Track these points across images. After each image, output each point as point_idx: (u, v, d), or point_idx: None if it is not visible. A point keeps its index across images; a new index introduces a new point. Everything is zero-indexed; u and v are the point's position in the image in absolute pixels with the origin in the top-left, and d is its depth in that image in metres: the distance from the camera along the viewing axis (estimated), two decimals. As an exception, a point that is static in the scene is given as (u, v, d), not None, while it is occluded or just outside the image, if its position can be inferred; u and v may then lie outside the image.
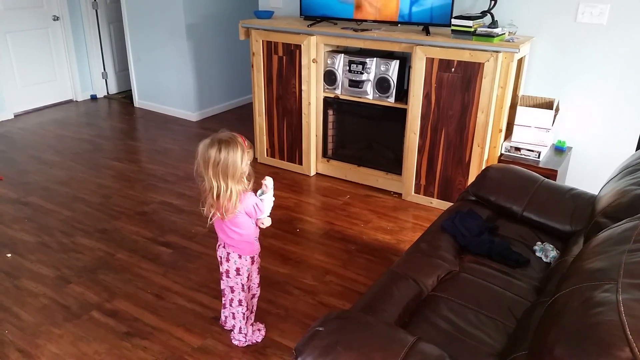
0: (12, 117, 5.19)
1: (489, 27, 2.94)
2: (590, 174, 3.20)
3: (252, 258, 2.07)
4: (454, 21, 3.00)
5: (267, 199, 2.01)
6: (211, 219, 1.94)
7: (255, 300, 2.22)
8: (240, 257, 2.01)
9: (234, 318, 2.14)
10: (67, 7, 5.46)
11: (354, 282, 2.63)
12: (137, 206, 3.40)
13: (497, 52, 2.87)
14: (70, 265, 2.74)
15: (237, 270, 2.02)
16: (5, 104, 5.12)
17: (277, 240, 2.99)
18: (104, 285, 2.58)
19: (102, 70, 5.96)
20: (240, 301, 2.08)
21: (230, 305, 2.11)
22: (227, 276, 2.05)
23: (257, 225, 2.05)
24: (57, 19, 5.42)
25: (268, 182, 2.01)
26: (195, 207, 3.34)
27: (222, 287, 2.11)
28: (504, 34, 3.00)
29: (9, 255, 2.83)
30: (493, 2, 3.07)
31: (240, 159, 1.82)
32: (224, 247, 2.03)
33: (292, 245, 2.96)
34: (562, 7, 3.06)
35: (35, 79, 5.39)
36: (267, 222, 2.05)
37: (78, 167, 4.01)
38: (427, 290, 1.86)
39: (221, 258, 2.05)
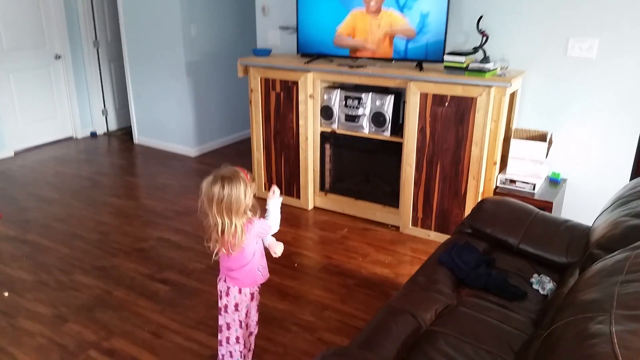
0: (13, 154, 5.24)
1: (480, 63, 3.02)
2: (585, 205, 3.22)
3: (252, 294, 2.07)
4: (446, 57, 3.08)
5: (272, 209, 2.02)
6: (216, 255, 1.95)
7: (252, 338, 2.21)
8: (240, 291, 2.01)
9: (231, 357, 2.11)
10: (69, 46, 5.58)
11: (353, 318, 2.61)
12: (135, 243, 3.40)
13: (489, 86, 2.94)
14: (67, 304, 2.73)
15: (236, 305, 2.02)
16: (6, 141, 5.18)
17: (275, 275, 2.98)
18: (102, 323, 2.56)
19: (102, 107, 6.05)
20: (237, 338, 2.07)
21: (227, 342, 2.09)
22: (226, 311, 2.05)
23: (269, 251, 2.06)
24: (59, 58, 5.54)
25: (275, 189, 2.05)
26: (193, 243, 3.36)
27: (220, 322, 2.09)
28: (496, 69, 3.07)
29: (6, 293, 2.82)
30: (484, 38, 3.16)
31: (243, 193, 1.84)
32: (224, 281, 2.03)
33: (290, 280, 2.96)
34: (552, 42, 3.14)
35: (36, 117, 5.47)
36: (279, 250, 2.06)
37: (77, 204, 4.03)
38: (425, 325, 1.86)
39: (221, 292, 2.04)
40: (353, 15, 3.41)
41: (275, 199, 2.04)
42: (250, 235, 1.93)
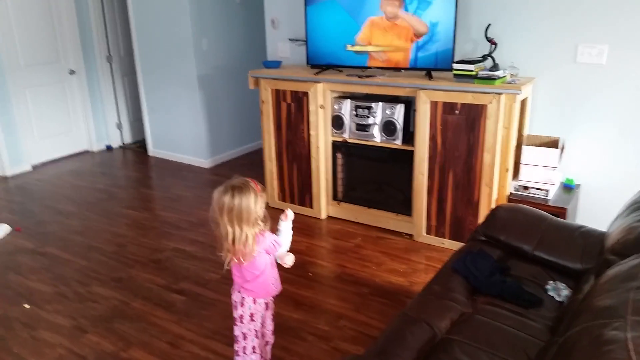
0: (30, 168, 5.34)
1: (490, 71, 3.03)
2: (601, 211, 3.19)
3: (267, 304, 2.09)
4: (455, 65, 3.10)
5: (284, 229, 2.06)
6: (228, 264, 1.98)
7: (269, 347, 2.23)
8: (254, 302, 2.04)
9: (248, 366, 2.14)
10: (83, 62, 5.70)
11: (368, 327, 2.62)
12: (151, 254, 3.45)
13: (499, 94, 2.95)
14: (86, 315, 2.77)
15: (251, 315, 2.04)
16: (24, 156, 5.28)
17: (290, 284, 3.00)
18: (120, 334, 2.60)
19: (117, 121, 6.15)
20: (254, 348, 2.09)
21: (244, 353, 2.11)
22: (241, 322, 2.07)
23: (280, 263, 2.08)
24: (74, 73, 5.65)
25: (289, 212, 2.07)
26: (208, 253, 3.40)
27: (236, 333, 2.12)
28: (505, 76, 3.08)
29: (27, 306, 2.87)
30: (493, 46, 3.18)
31: (253, 203, 1.88)
32: (239, 291, 2.05)
33: (304, 289, 2.98)
34: (562, 48, 3.15)
35: (52, 131, 5.58)
36: (289, 261, 2.08)
37: (93, 217, 4.10)
38: (440, 334, 1.86)
39: (236, 302, 2.07)
40: (371, 22, 3.44)
41: (288, 222, 2.07)
42: (261, 247, 1.95)
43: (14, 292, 3.02)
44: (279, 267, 2.10)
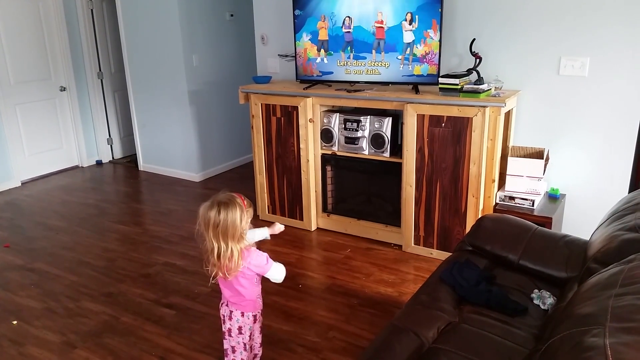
0: (20, 184, 5.32)
1: (475, 84, 3.09)
2: (586, 220, 3.24)
3: (255, 316, 2.10)
4: (441, 79, 3.16)
5: (258, 231, 2.19)
6: (214, 278, 1.99)
7: None
8: (242, 315, 2.05)
9: (238, 378, 2.14)
10: (74, 78, 5.72)
11: (358, 337, 2.63)
12: (141, 268, 3.45)
13: (484, 106, 3.00)
14: (76, 330, 2.76)
15: (239, 328, 2.06)
16: (13, 172, 5.27)
17: (280, 296, 3.01)
18: (109, 349, 2.59)
19: (108, 136, 6.15)
20: (243, 360, 2.10)
21: (234, 365, 2.12)
22: (229, 335, 2.08)
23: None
24: (64, 90, 5.66)
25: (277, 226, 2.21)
26: (198, 267, 3.40)
27: (225, 346, 2.12)
28: (490, 89, 3.14)
29: (15, 322, 2.85)
30: (478, 60, 3.24)
31: (239, 218, 1.89)
32: (226, 305, 2.07)
33: (294, 301, 2.99)
34: (545, 61, 3.22)
35: (42, 147, 5.57)
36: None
37: (83, 232, 4.09)
38: (428, 343, 1.88)
39: (224, 316, 2.08)
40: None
41: (264, 231, 2.20)
42: (246, 263, 1.96)
43: (1, 308, 3.00)
44: (268, 280, 2.12)
